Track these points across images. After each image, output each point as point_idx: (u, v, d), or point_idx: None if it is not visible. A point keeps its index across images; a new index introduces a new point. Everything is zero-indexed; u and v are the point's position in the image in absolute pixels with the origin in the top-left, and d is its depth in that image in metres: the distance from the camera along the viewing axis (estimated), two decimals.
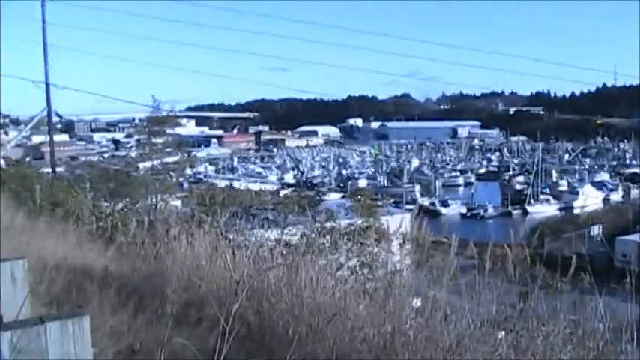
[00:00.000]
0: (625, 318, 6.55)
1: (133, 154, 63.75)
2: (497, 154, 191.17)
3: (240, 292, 6.01)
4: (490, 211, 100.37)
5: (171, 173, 41.94)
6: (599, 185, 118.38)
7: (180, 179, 47.21)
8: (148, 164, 44.03)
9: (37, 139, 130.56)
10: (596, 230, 62.26)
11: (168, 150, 43.52)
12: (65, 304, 7.62)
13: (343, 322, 6.25)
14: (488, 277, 7.13)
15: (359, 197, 29.63)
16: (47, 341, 4.17)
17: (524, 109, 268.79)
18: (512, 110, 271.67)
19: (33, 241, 12.55)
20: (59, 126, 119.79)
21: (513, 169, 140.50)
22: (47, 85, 41.13)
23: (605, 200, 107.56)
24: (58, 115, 46.87)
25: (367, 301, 6.86)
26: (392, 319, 6.14)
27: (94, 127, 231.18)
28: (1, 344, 3.97)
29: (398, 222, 25.53)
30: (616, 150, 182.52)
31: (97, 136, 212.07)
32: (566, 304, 7.07)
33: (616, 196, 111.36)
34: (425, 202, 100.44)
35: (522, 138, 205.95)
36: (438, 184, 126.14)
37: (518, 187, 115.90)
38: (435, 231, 13.98)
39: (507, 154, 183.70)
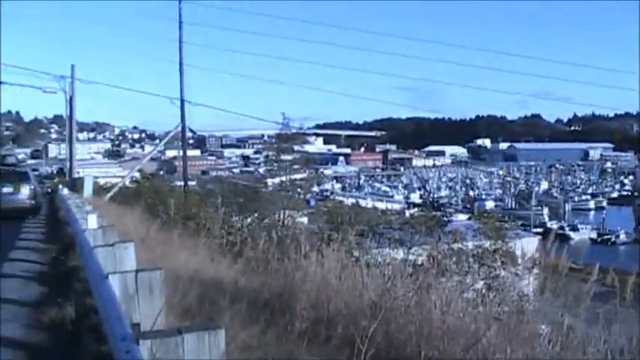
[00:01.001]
0: None
1: (261, 170, 64.93)
2: (631, 177, 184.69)
3: (374, 313, 6.00)
4: (622, 237, 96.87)
5: (299, 190, 42.39)
6: None
7: (307, 196, 47.66)
8: (276, 180, 44.68)
9: (170, 153, 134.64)
10: None
11: (296, 167, 44.05)
12: (198, 317, 7.79)
13: (475, 347, 6.14)
14: (628, 307, 6.89)
15: (487, 219, 29.20)
16: (184, 352, 4.28)
17: None
18: None
19: (167, 253, 12.92)
20: (191, 141, 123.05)
21: None
22: (182, 102, 42.31)
23: None
24: (191, 130, 47.99)
25: (498, 327, 6.72)
26: (524, 346, 5.99)
27: (224, 142, 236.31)
28: (141, 352, 4.11)
29: (526, 245, 25.08)
30: None
31: (227, 152, 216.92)
32: None
33: None
34: (553, 225, 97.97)
35: None
36: (568, 207, 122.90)
37: None
38: (564, 256, 13.62)
39: None
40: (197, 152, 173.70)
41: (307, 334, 6.99)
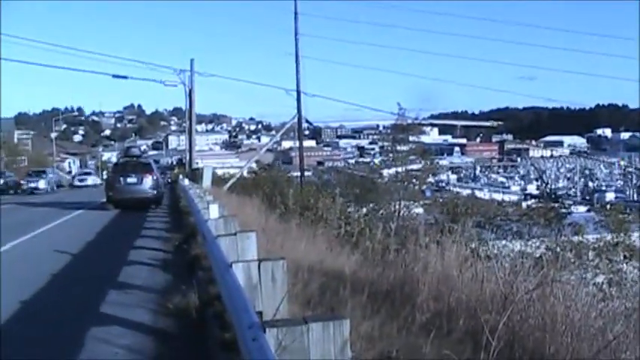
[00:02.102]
0: None
1: (377, 161, 64.85)
2: None
3: (508, 306, 5.93)
4: None
5: (415, 180, 42.19)
6: None
7: (423, 187, 47.34)
8: (391, 171, 44.58)
9: (286, 144, 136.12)
10: None
11: (411, 157, 43.84)
12: (319, 306, 7.87)
13: (597, 343, 5.99)
14: None
15: (609, 211, 28.43)
16: (309, 341, 4.34)
17: None
18: None
19: (286, 243, 13.08)
20: (307, 132, 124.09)
21: None
22: (298, 93, 42.69)
23: None
24: (307, 121, 48.38)
25: (625, 324, 6.52)
26: None
27: (339, 133, 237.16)
28: (267, 340, 4.18)
29: None
30: None
31: (342, 143, 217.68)
32: None
33: None
34: None
35: None
36: None
37: None
38: None
39: None
40: (313, 143, 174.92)
41: (429, 326, 6.96)
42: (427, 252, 9.35)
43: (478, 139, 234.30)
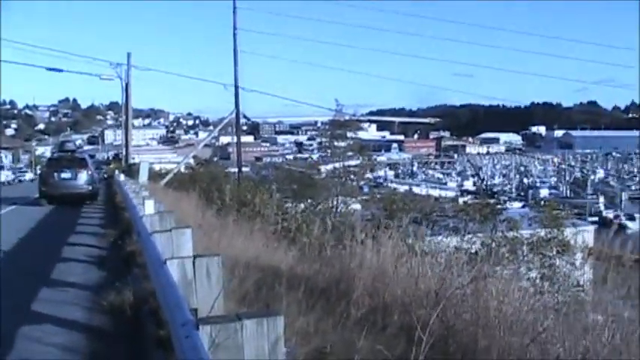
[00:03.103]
0: None
1: (315, 157, 65.01)
2: None
3: (439, 301, 5.99)
4: None
5: (352, 176, 42.37)
6: None
7: (361, 182, 47.58)
8: (329, 167, 44.73)
9: (224, 139, 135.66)
10: None
11: (349, 153, 44.00)
12: (255, 303, 7.85)
13: (529, 336, 6.09)
14: None
15: (543, 207, 28.89)
16: (243, 338, 4.32)
17: None
18: None
19: (223, 239, 13.02)
20: (245, 127, 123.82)
21: None
22: (236, 88, 42.48)
23: None
24: (245, 117, 48.24)
25: (555, 317, 6.65)
26: (583, 337, 5.92)
27: (278, 129, 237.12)
28: (201, 337, 4.15)
29: (582, 234, 24.77)
30: None
31: (280, 138, 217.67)
32: None
33: None
34: (609, 214, 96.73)
35: None
36: (625, 196, 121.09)
37: None
38: (621, 245, 13.46)
39: None
40: (251, 139, 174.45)
41: (364, 321, 7.00)
42: (363, 248, 9.39)
43: (416, 136, 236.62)
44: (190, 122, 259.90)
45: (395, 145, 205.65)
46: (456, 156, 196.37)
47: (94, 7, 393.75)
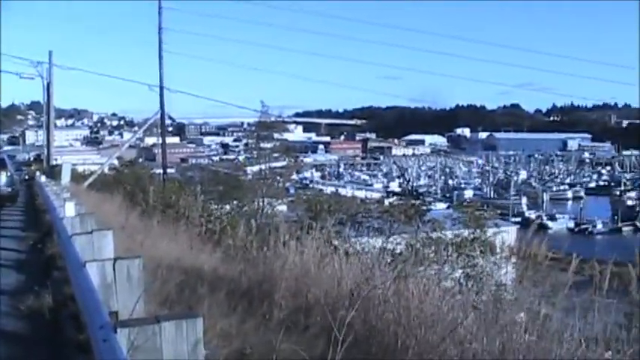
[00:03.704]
0: None
1: (241, 158, 64.82)
2: (609, 168, 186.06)
3: (353, 301, 6.03)
4: (599, 226, 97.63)
5: (279, 178, 42.38)
6: None
7: (287, 184, 47.65)
8: (255, 168, 44.66)
9: (149, 140, 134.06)
10: None
11: (275, 155, 44.01)
12: (177, 305, 7.80)
13: (449, 335, 6.19)
14: (603, 295, 6.97)
15: (466, 208, 29.29)
16: (162, 340, 4.29)
17: (638, 122, 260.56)
18: (625, 123, 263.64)
19: (146, 241, 12.89)
20: (171, 129, 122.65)
21: (625, 185, 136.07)
22: (161, 88, 42.11)
23: None
24: (170, 117, 47.90)
25: (475, 315, 6.76)
26: (501, 335, 6.03)
27: (204, 130, 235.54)
28: (119, 341, 4.11)
29: (504, 235, 25.20)
30: None
31: (206, 140, 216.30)
32: None
33: None
34: (532, 215, 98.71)
35: (635, 152, 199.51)
36: (546, 197, 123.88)
37: (629, 202, 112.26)
38: (542, 245, 13.69)
39: (619, 169, 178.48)
40: (176, 140, 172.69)
41: (286, 322, 7.01)
42: (287, 249, 9.40)
43: (342, 137, 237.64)
44: (115, 123, 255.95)
45: (321, 146, 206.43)
46: (381, 157, 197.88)
47: (14, 3, 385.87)
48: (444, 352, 5.90)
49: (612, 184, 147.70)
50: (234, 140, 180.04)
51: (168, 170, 47.35)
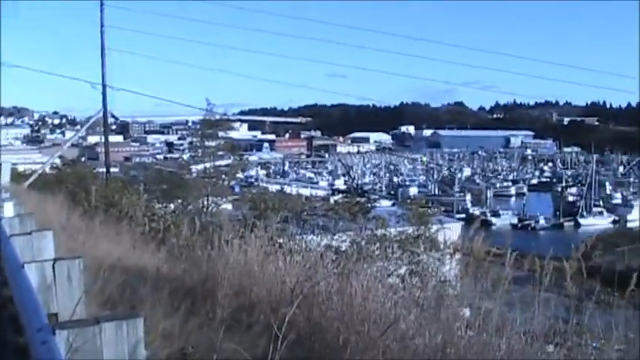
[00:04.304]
0: None
1: (185, 157, 64.30)
2: (550, 164, 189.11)
3: (295, 299, 6.03)
4: (542, 222, 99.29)
5: (224, 176, 42.16)
6: None
7: (232, 182, 47.40)
8: (200, 167, 44.37)
9: (92, 139, 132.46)
10: None
11: (220, 153, 43.75)
12: (119, 306, 7.72)
13: (394, 331, 6.23)
14: (534, 289, 7.08)
15: (410, 205, 29.52)
16: (102, 342, 4.24)
17: (579, 119, 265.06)
18: (566, 121, 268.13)
19: (88, 241, 12.73)
20: (114, 127, 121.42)
21: (566, 181, 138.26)
22: (104, 86, 41.63)
23: None
24: (113, 116, 47.37)
25: (418, 311, 6.83)
26: (443, 330, 6.10)
27: (148, 128, 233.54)
28: (58, 343, 4.05)
29: (449, 231, 25.44)
30: None
31: (150, 138, 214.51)
32: (621, 320, 6.97)
33: None
34: (476, 211, 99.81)
35: (576, 149, 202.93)
36: (490, 193, 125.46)
37: (570, 198, 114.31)
38: (485, 241, 13.83)
39: (560, 165, 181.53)
40: (120, 138, 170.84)
41: (229, 321, 6.99)
42: (230, 248, 9.37)
43: (287, 135, 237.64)
44: (57, 121, 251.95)
45: (266, 144, 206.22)
46: (327, 155, 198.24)
47: None
48: (385, 347, 5.94)
49: (554, 180, 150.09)
50: (179, 138, 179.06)
51: (112, 169, 46.81)
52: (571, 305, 7.27)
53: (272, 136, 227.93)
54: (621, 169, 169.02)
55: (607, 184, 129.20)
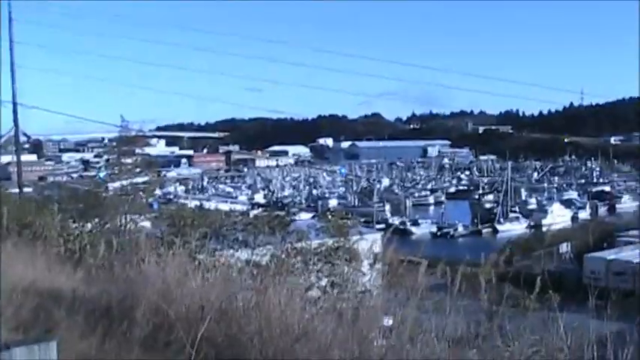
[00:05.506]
0: (588, 335, 6.64)
1: (102, 174, 63.34)
2: (467, 172, 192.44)
3: (207, 315, 6.00)
4: (460, 229, 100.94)
5: (141, 193, 41.60)
6: (568, 203, 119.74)
7: (150, 199, 46.84)
8: (117, 184, 43.71)
9: (4, 158, 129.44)
10: (565, 248, 62.91)
11: (137, 170, 43.16)
12: (32, 329, 7.55)
13: (311, 343, 6.24)
14: (455, 296, 7.21)
15: (329, 217, 29.60)
16: None
17: (494, 127, 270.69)
18: (481, 129, 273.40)
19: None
20: (27, 146, 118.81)
21: (483, 188, 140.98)
22: (14, 104, 40.78)
23: (574, 218, 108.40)
24: (25, 134, 46.53)
25: (336, 322, 6.86)
26: (360, 340, 6.14)
27: (62, 147, 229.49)
28: None
29: (368, 242, 25.58)
30: (584, 168, 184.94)
31: (65, 156, 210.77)
32: (535, 323, 7.13)
33: (584, 214, 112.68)
34: (395, 221, 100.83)
35: (492, 157, 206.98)
36: (409, 203, 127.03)
37: (488, 205, 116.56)
38: (405, 250, 14.02)
39: (477, 173, 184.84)
40: (34, 157, 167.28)
41: (147, 341, 6.91)
42: (148, 266, 9.26)
43: (205, 150, 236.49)
44: None
45: (184, 160, 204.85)
46: (246, 169, 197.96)
47: None
48: (304, 358, 5.95)
49: (471, 188, 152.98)
50: (95, 156, 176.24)
51: (25, 189, 45.84)
52: (485, 310, 7.42)
53: (190, 152, 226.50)
54: (535, 175, 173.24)
55: (522, 190, 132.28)
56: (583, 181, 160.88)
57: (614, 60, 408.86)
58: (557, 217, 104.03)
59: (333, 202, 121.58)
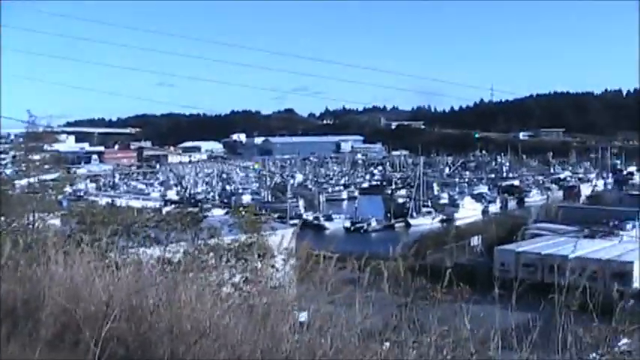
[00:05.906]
0: (494, 325, 6.82)
1: (8, 171, 61.90)
2: (380, 168, 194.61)
3: (112, 313, 5.95)
4: (374, 224, 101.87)
5: (50, 191, 40.82)
6: (479, 197, 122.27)
7: (60, 197, 46.01)
8: (24, 182, 42.82)
9: None
10: (476, 241, 64.10)
11: (46, 167, 42.34)
12: None
13: (220, 340, 6.25)
14: (367, 290, 7.30)
15: (242, 213, 29.55)
16: None
17: (406, 123, 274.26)
18: (394, 125, 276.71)
19: None
20: None
21: (396, 183, 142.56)
22: None
23: (485, 212, 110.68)
24: None
25: (247, 318, 6.87)
26: (270, 335, 6.18)
27: None
28: None
29: (281, 237, 25.66)
30: (494, 163, 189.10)
31: None
32: (445, 315, 7.27)
33: (494, 207, 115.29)
34: (309, 216, 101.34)
35: (404, 152, 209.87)
36: (322, 198, 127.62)
37: (400, 200, 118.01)
38: (319, 245, 14.06)
39: (390, 168, 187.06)
40: None
41: (53, 341, 6.80)
42: (55, 265, 9.10)
43: (116, 147, 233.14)
44: None
45: (95, 156, 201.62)
46: (158, 166, 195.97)
47: None
48: (210, 357, 5.96)
49: (384, 183, 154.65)
50: (0, 153, 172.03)
51: None
52: (394, 302, 7.54)
53: (101, 148, 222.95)
54: (447, 170, 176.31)
55: (434, 185, 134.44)
56: (493, 175, 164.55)
57: (521, 58, 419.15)
58: (469, 211, 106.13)
59: (246, 198, 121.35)
